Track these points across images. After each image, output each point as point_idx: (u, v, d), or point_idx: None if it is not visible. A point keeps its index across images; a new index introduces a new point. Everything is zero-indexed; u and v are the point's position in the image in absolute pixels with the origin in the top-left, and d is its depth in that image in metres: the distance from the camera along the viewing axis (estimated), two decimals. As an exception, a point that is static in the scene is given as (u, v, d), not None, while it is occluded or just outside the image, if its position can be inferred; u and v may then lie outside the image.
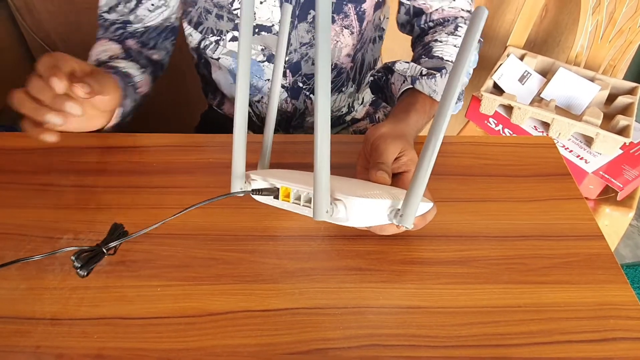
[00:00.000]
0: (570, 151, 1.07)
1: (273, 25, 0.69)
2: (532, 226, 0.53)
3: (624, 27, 1.14)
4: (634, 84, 1.14)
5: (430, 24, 0.71)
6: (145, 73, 0.70)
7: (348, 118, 0.85)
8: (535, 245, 0.51)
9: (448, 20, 0.70)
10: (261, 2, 0.66)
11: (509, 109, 1.14)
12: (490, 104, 1.14)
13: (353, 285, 0.47)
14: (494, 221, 0.54)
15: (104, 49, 0.69)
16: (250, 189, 0.48)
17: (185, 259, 0.49)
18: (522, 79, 1.18)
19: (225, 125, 0.86)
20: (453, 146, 0.63)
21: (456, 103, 0.63)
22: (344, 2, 0.68)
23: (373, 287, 0.47)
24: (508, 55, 1.20)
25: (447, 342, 0.43)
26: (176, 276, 0.48)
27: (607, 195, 1.05)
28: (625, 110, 1.11)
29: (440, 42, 0.67)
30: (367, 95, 0.85)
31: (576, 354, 0.42)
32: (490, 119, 1.17)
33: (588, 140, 1.08)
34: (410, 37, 0.76)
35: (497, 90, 1.18)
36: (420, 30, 0.72)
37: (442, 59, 0.65)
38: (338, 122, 0.85)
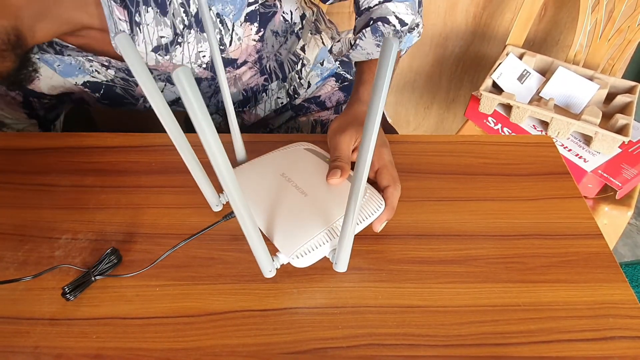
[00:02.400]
0: (569, 150, 1.07)
1: (179, 98, 0.73)
2: (531, 225, 0.53)
3: (623, 26, 1.14)
4: (633, 83, 1.14)
5: None
6: None
7: (297, 101, 0.82)
8: (534, 244, 0.51)
9: None
10: (162, 91, 0.71)
11: (508, 108, 1.14)
12: (489, 103, 1.14)
13: (352, 285, 0.47)
14: (493, 220, 0.54)
15: None
16: (220, 209, 0.53)
17: (184, 258, 0.49)
18: (521, 77, 1.18)
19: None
20: (452, 145, 0.63)
21: (402, 39, 0.63)
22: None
23: (372, 287, 0.47)
24: (507, 54, 1.20)
25: (446, 341, 0.43)
26: (175, 276, 0.48)
27: (606, 194, 1.05)
28: (624, 109, 1.11)
29: None
30: (314, 78, 0.81)
31: (575, 353, 0.42)
32: (489, 118, 1.17)
33: (587, 139, 1.08)
34: None
35: (496, 89, 1.18)
36: None
37: (368, 8, 0.65)
38: (286, 108, 0.83)
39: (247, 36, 0.68)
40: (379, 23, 0.62)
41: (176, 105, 0.76)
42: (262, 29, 0.69)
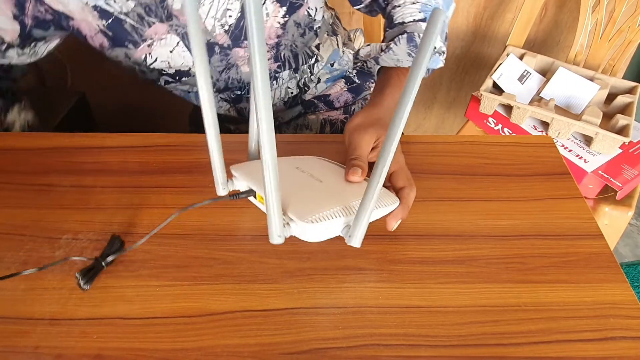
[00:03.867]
0: (570, 150, 1.07)
1: (189, 69, 0.70)
2: (532, 225, 0.53)
3: (623, 27, 1.14)
4: (633, 83, 1.14)
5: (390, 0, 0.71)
6: None
7: (308, 97, 0.83)
8: (535, 244, 0.51)
9: None
10: (171, 52, 0.68)
11: (508, 108, 1.14)
12: (489, 104, 1.14)
13: (352, 285, 0.47)
14: (494, 220, 0.54)
15: None
16: (227, 193, 0.50)
17: (185, 258, 0.49)
18: (521, 78, 1.18)
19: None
20: (452, 145, 0.63)
21: (431, 57, 0.63)
22: (240, 42, 0.70)
23: (372, 287, 0.47)
24: (507, 55, 1.20)
25: (446, 342, 0.43)
26: (175, 276, 0.48)
27: (607, 194, 1.05)
28: (624, 109, 1.11)
29: (398, 6, 0.67)
30: (324, 75, 0.83)
31: (575, 353, 0.42)
32: (490, 119, 1.17)
33: (587, 140, 1.08)
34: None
35: (497, 89, 1.18)
36: (381, 8, 0.72)
37: (402, 23, 0.65)
38: (295, 102, 0.83)
39: (274, 16, 0.68)
40: (415, 34, 0.63)
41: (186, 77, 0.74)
42: (287, 16, 0.70)
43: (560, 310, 0.45)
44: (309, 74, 0.81)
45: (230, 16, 0.65)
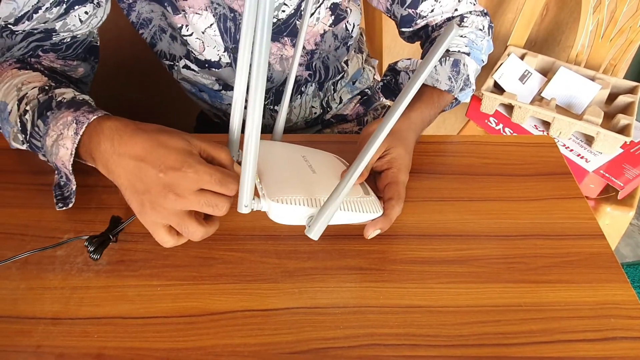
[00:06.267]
0: (571, 150, 1.07)
1: (220, 59, 0.69)
2: (533, 225, 0.53)
3: (624, 27, 1.14)
4: (634, 83, 1.13)
5: (437, 29, 0.71)
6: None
7: (328, 117, 0.85)
8: (536, 244, 0.51)
9: (453, 17, 0.70)
10: (203, 32, 0.66)
11: (509, 108, 1.14)
12: (490, 103, 1.14)
13: (353, 285, 0.47)
14: (495, 220, 0.54)
15: (19, 81, 0.53)
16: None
17: (185, 258, 0.49)
18: (522, 78, 1.18)
19: (220, 125, 0.87)
20: (453, 145, 0.63)
21: (465, 90, 0.64)
22: (280, 36, 0.68)
23: (373, 287, 0.47)
24: (509, 55, 1.20)
25: (447, 342, 0.43)
26: (176, 276, 0.48)
27: (608, 194, 1.04)
28: (625, 109, 1.11)
29: None
30: (345, 94, 0.84)
31: (576, 353, 0.42)
32: (491, 118, 1.17)
33: (589, 140, 1.08)
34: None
35: (498, 89, 1.18)
36: (427, 36, 0.72)
37: (447, 50, 0.65)
38: (316, 122, 0.84)
39: (323, 23, 0.69)
40: (461, 61, 0.63)
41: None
42: (331, 26, 0.70)
43: (561, 310, 0.45)
44: (332, 92, 0.82)
45: (283, 11, 0.65)
